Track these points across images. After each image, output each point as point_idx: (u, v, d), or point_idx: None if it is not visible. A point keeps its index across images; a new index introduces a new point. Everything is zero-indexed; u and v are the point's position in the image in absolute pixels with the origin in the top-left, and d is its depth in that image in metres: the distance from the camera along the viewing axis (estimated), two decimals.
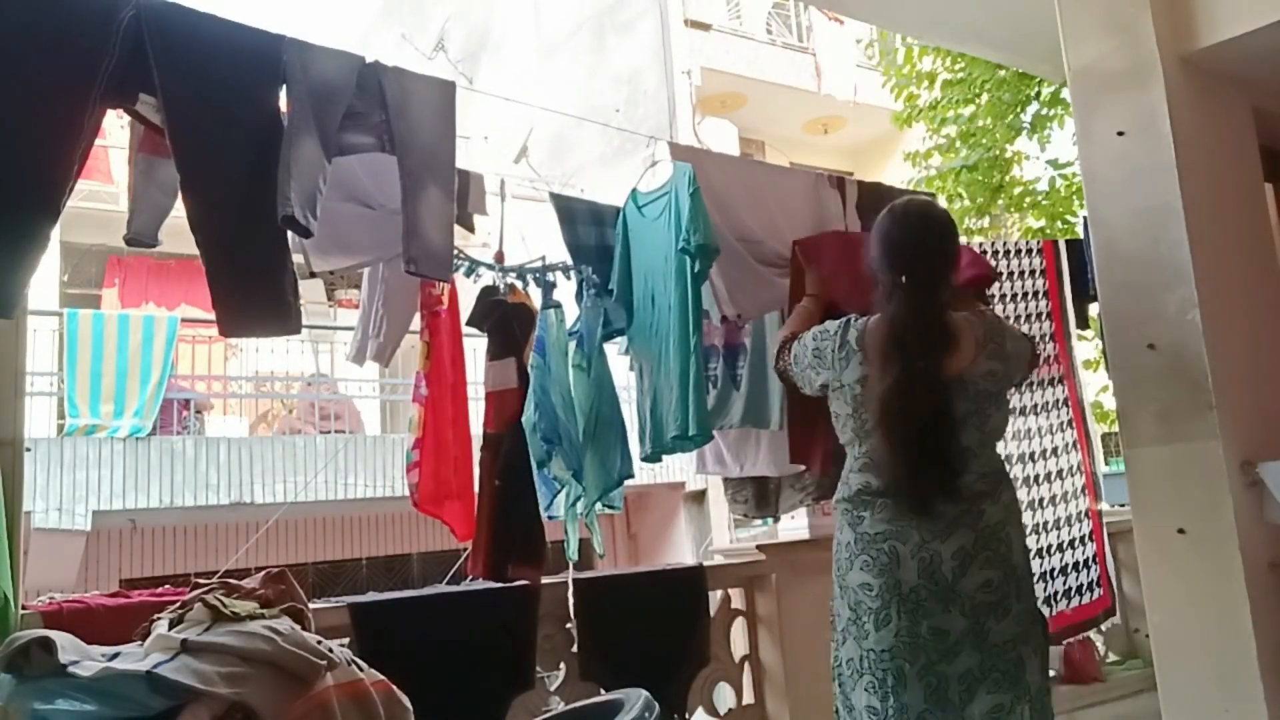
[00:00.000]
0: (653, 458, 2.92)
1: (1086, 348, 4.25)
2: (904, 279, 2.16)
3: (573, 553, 3.03)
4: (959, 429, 2.14)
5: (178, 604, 1.85)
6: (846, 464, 2.28)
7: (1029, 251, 4.18)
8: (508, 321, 2.88)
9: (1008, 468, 2.35)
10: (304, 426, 8.36)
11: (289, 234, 2.11)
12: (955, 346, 2.14)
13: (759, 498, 3.63)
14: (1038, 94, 6.37)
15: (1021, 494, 4.05)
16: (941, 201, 7.04)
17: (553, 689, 2.99)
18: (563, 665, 3.03)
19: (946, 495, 2.10)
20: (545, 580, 2.90)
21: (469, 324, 2.90)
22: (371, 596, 2.95)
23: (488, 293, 2.96)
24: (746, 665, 3.51)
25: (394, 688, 1.87)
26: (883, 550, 2.13)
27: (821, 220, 3.10)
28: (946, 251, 2.25)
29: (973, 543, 2.11)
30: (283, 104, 2.12)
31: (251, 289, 2.08)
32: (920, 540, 2.11)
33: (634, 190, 3.01)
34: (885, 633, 2.10)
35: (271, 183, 1.99)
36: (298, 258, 2.26)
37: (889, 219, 2.26)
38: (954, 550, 2.10)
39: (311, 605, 2.18)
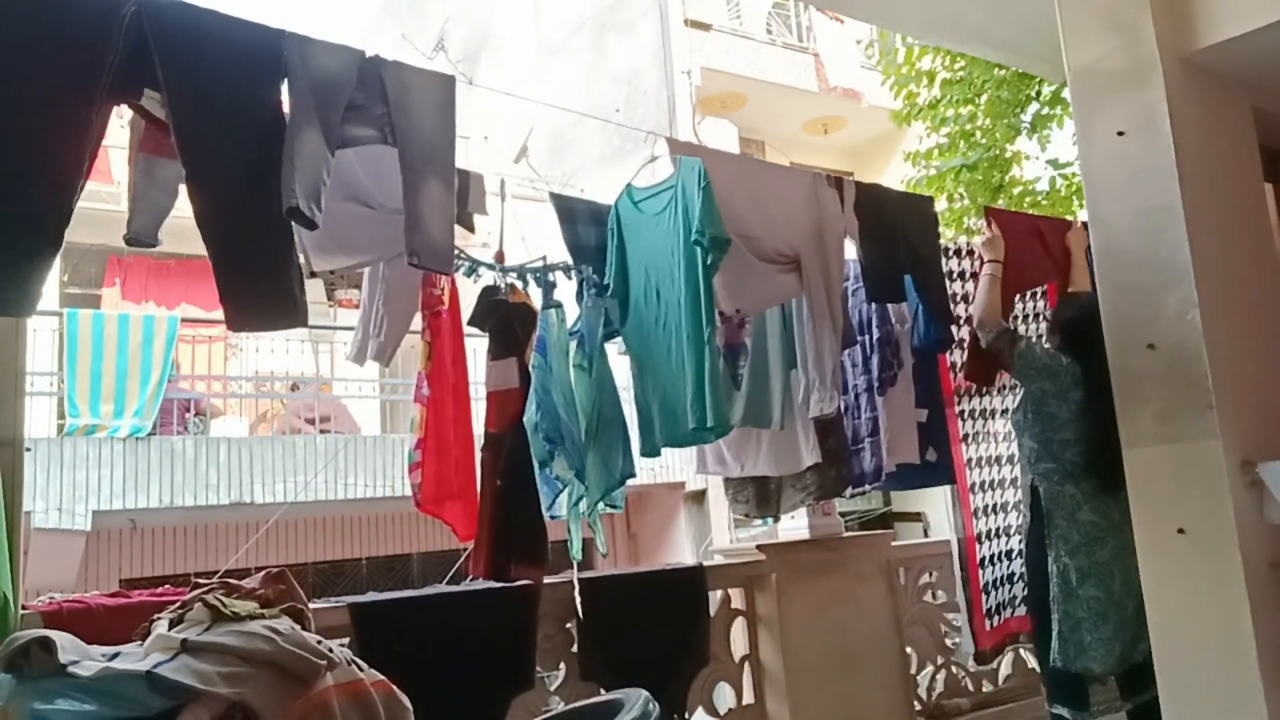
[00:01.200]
0: (653, 452, 2.93)
1: None
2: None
3: (576, 552, 3.03)
4: None
5: (178, 604, 1.85)
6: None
7: None
8: (509, 321, 2.88)
9: (1010, 468, 2.46)
10: (302, 426, 8.35)
11: (292, 230, 2.12)
12: None
13: (760, 497, 3.63)
14: (1038, 94, 6.37)
15: (1007, 495, 4.06)
16: (941, 202, 7.05)
17: (553, 689, 2.99)
18: (563, 665, 3.03)
19: None
20: (546, 580, 2.90)
21: (470, 324, 2.90)
22: (371, 596, 2.95)
23: (489, 293, 2.96)
24: (746, 665, 3.51)
25: (394, 688, 1.87)
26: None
27: (820, 219, 3.09)
28: None
29: None
30: (285, 98, 2.12)
31: (258, 282, 2.08)
32: None
33: (629, 186, 3.02)
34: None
35: (275, 176, 1.99)
36: (298, 257, 2.26)
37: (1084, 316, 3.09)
38: None
39: (311, 605, 2.18)
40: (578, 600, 2.97)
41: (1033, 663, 4.14)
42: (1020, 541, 3.89)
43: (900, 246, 3.34)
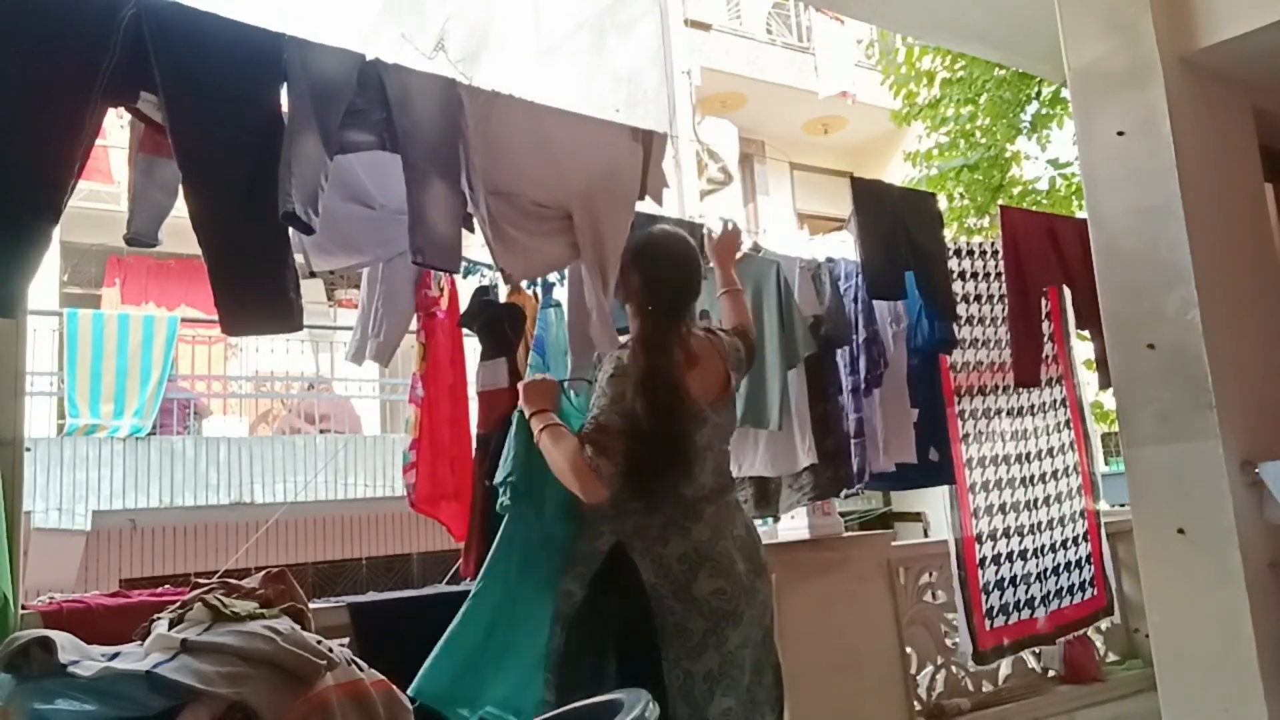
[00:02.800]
0: None
1: (1086, 348, 4.25)
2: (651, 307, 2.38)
3: None
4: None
5: (178, 604, 1.85)
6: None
7: None
8: (498, 321, 2.87)
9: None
10: (302, 425, 8.35)
11: (290, 231, 2.11)
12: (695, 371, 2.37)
13: (759, 497, 3.62)
14: (1038, 94, 6.37)
15: (1019, 494, 4.06)
16: (942, 201, 7.05)
17: None
18: None
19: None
20: None
21: (460, 324, 2.90)
22: (371, 596, 2.95)
23: (480, 293, 2.96)
24: None
25: (394, 688, 1.87)
26: (719, 551, 2.20)
27: (613, 174, 2.73)
28: None
29: (745, 522, 2.40)
30: (284, 102, 2.12)
31: (253, 286, 2.08)
32: (730, 530, 2.27)
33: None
34: (739, 629, 2.18)
35: (273, 180, 1.99)
36: (298, 257, 2.25)
37: (645, 249, 2.47)
38: (744, 527, 2.35)
39: (311, 605, 2.18)
40: None
41: (1033, 663, 4.15)
42: (1033, 541, 3.91)
43: (902, 242, 3.31)
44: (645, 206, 2.81)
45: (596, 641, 2.19)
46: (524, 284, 3.00)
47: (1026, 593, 3.98)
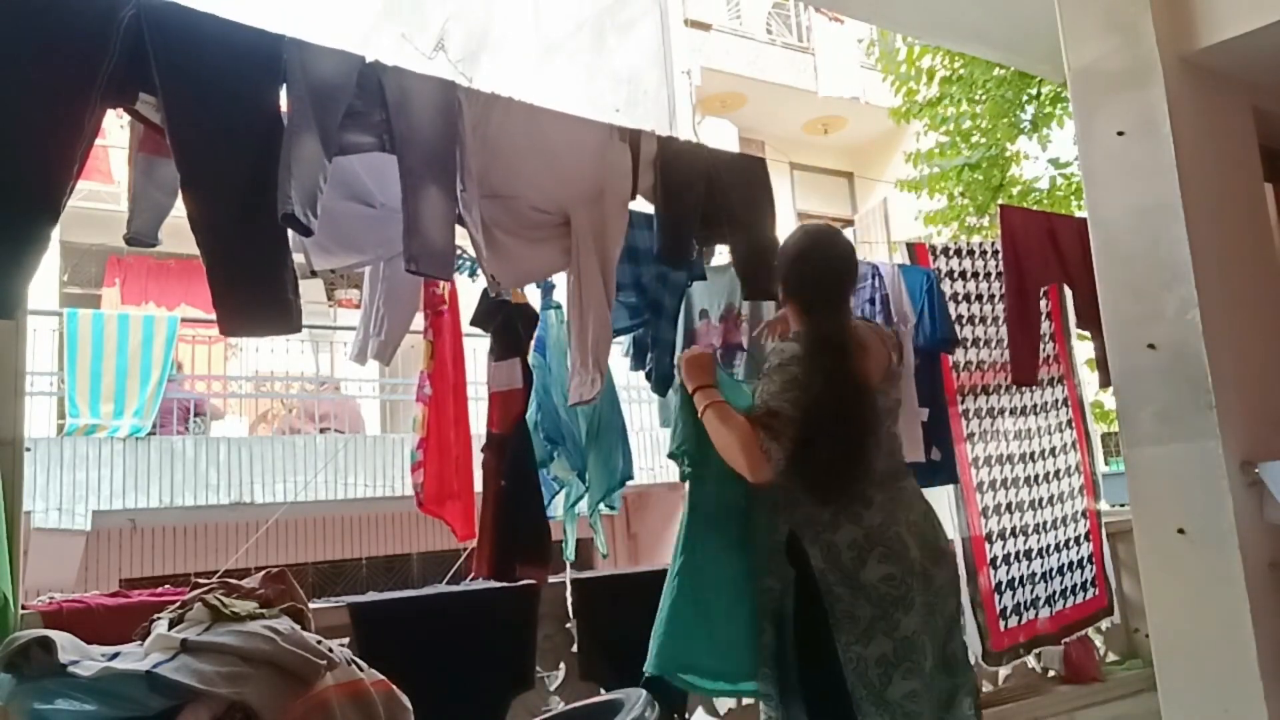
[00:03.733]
0: None
1: (1086, 348, 4.25)
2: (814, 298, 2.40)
3: (570, 553, 3.03)
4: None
5: (178, 604, 1.85)
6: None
7: None
8: (512, 322, 2.88)
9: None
10: (303, 425, 8.35)
11: (289, 233, 2.11)
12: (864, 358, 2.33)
13: None
14: (1038, 94, 6.37)
15: (1022, 494, 4.06)
16: (941, 201, 7.05)
17: (553, 689, 2.99)
18: (563, 665, 3.03)
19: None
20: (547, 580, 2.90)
21: (473, 324, 2.90)
22: (371, 596, 2.95)
23: (487, 293, 2.96)
24: None
25: (394, 688, 1.87)
26: (890, 537, 2.20)
27: (602, 176, 2.69)
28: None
29: (924, 505, 2.36)
30: (283, 103, 2.12)
31: (251, 288, 2.07)
32: (906, 517, 2.25)
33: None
34: (913, 616, 2.17)
35: (272, 181, 1.99)
36: (298, 257, 2.26)
37: (798, 245, 2.50)
38: (923, 512, 2.32)
39: (311, 605, 2.18)
40: (569, 601, 2.97)
41: (1033, 663, 4.15)
42: (1038, 541, 3.91)
43: (700, 206, 2.88)
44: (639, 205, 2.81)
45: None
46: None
47: (1032, 593, 3.98)
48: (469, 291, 2.89)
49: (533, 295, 3.03)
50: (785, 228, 2.81)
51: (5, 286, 1.79)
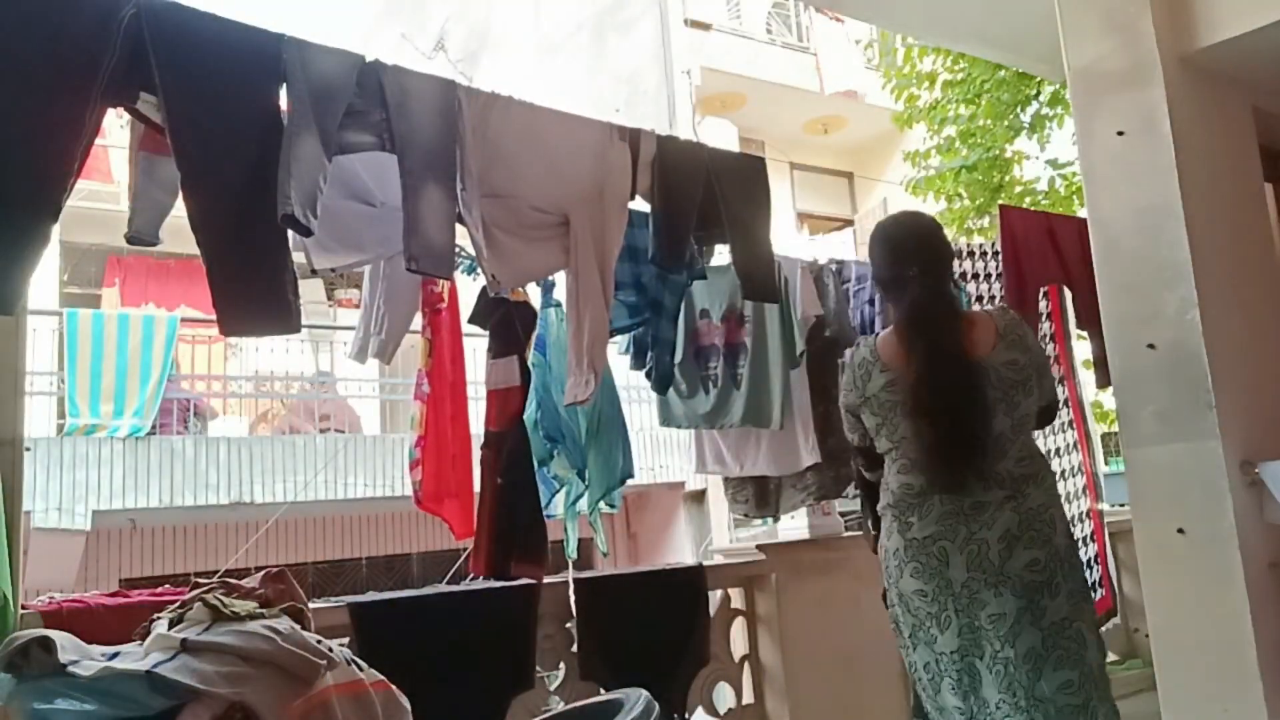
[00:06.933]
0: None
1: (1086, 348, 4.25)
2: (913, 272, 2.28)
3: (572, 551, 3.03)
4: (990, 414, 2.18)
5: (178, 604, 1.85)
6: (886, 471, 2.33)
7: None
8: (510, 320, 2.88)
9: None
10: (302, 425, 8.35)
11: (289, 232, 2.11)
12: (971, 331, 2.25)
13: (759, 497, 3.63)
14: (1038, 94, 6.37)
15: None
16: (942, 202, 7.06)
17: (553, 689, 2.99)
18: (563, 665, 3.03)
19: (983, 479, 2.16)
20: (546, 580, 2.90)
21: (471, 322, 2.91)
22: (371, 596, 2.95)
23: (485, 291, 2.96)
24: (746, 665, 3.51)
25: (393, 688, 1.87)
26: (932, 554, 2.17)
27: (601, 176, 2.69)
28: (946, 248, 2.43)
29: (1017, 525, 2.16)
30: (283, 102, 2.12)
31: (252, 288, 2.08)
32: (968, 533, 2.15)
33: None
34: (949, 634, 2.14)
35: (271, 181, 1.99)
36: (299, 256, 2.26)
37: (885, 226, 2.46)
38: (1000, 534, 2.15)
39: (311, 605, 2.18)
40: (572, 600, 2.97)
41: None
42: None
43: (697, 210, 2.86)
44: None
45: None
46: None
47: None
48: (468, 289, 2.90)
49: (534, 294, 3.03)
50: (784, 228, 2.81)
51: (5, 283, 1.79)
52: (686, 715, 3.17)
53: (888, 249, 2.38)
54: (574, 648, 3.01)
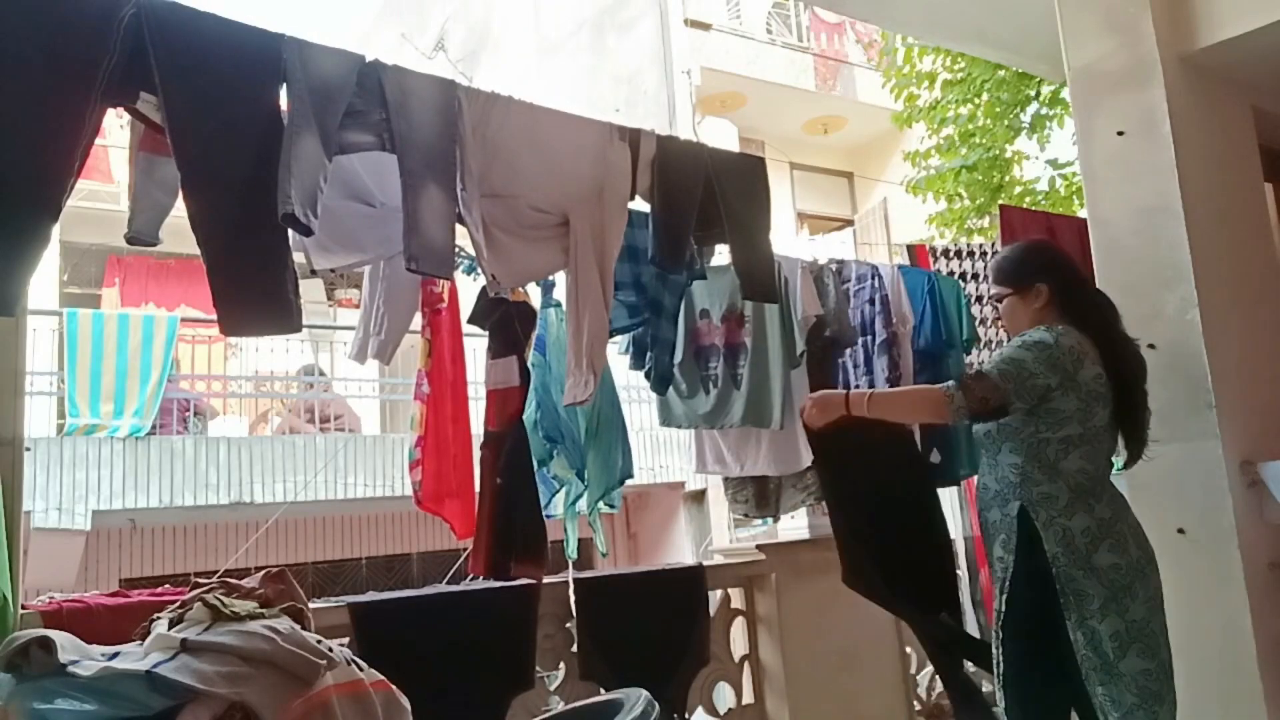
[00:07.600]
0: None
1: None
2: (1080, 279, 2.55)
3: (572, 551, 3.03)
4: None
5: (177, 604, 1.85)
6: (1054, 456, 2.38)
7: None
8: (509, 319, 2.87)
9: None
10: (302, 425, 8.34)
11: (290, 232, 2.11)
12: None
13: (759, 497, 3.63)
14: (1038, 94, 6.37)
15: None
16: (942, 202, 7.06)
17: (553, 689, 2.99)
18: (563, 665, 3.03)
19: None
20: (546, 580, 2.90)
21: (470, 321, 2.90)
22: (371, 596, 2.95)
23: (485, 290, 2.96)
24: (746, 665, 3.51)
25: (393, 688, 1.86)
26: (1116, 533, 2.31)
27: (601, 176, 2.68)
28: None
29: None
30: (283, 102, 2.12)
31: (252, 287, 2.07)
32: (1131, 517, 2.36)
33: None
34: (1138, 603, 2.28)
35: (272, 181, 1.99)
36: (299, 256, 2.25)
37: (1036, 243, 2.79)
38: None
39: (311, 605, 2.18)
40: (572, 600, 2.97)
41: None
42: None
43: (697, 211, 2.83)
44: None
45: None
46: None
47: None
48: (468, 289, 2.90)
49: (533, 294, 3.03)
50: (784, 228, 2.81)
51: (5, 284, 1.79)
52: (686, 715, 3.17)
53: (1053, 260, 2.55)
54: (574, 648, 3.01)
